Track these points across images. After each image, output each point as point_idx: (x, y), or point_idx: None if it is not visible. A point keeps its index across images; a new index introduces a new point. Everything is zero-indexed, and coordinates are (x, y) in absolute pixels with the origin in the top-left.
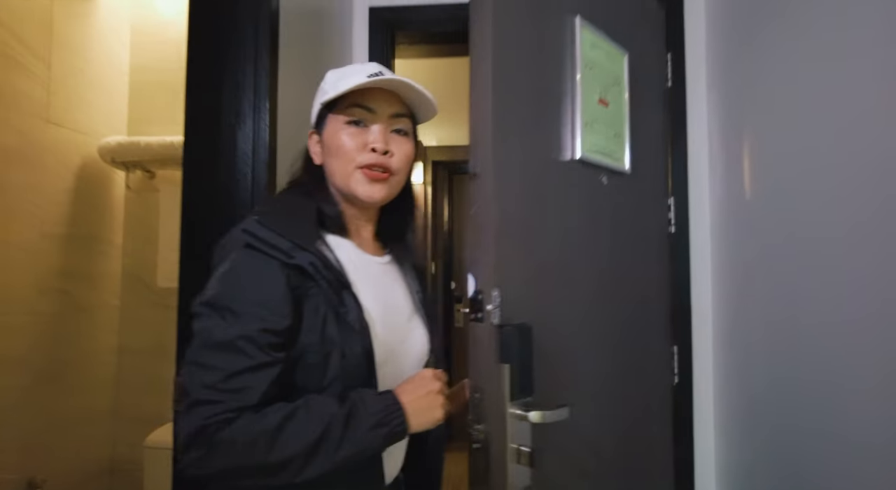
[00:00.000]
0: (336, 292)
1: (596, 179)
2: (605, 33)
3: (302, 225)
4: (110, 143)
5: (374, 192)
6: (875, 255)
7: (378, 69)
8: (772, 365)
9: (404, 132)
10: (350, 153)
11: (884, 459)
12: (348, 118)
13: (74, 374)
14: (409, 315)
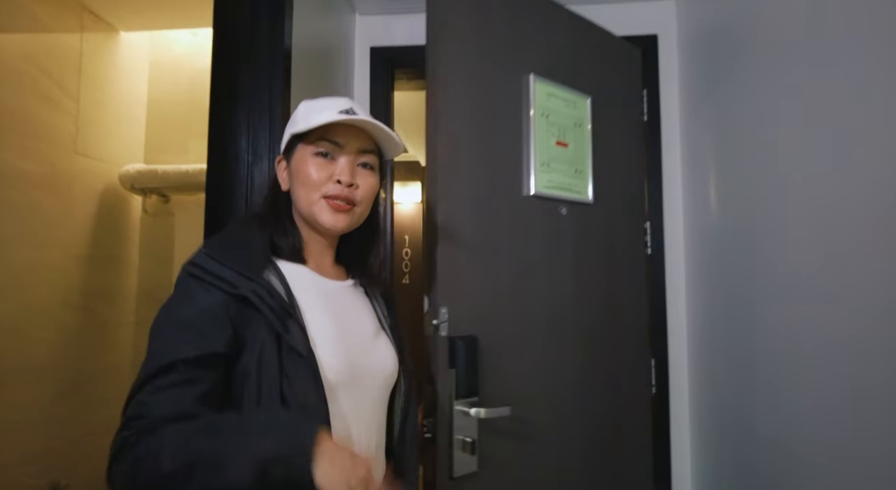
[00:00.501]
0: (280, 320)
1: (555, 210)
2: (564, 83)
3: (248, 255)
4: (130, 170)
5: (338, 222)
6: (820, 277)
7: (349, 105)
8: (735, 378)
9: (370, 166)
10: (316, 183)
11: (828, 456)
12: (316, 149)
13: (94, 386)
14: (372, 335)
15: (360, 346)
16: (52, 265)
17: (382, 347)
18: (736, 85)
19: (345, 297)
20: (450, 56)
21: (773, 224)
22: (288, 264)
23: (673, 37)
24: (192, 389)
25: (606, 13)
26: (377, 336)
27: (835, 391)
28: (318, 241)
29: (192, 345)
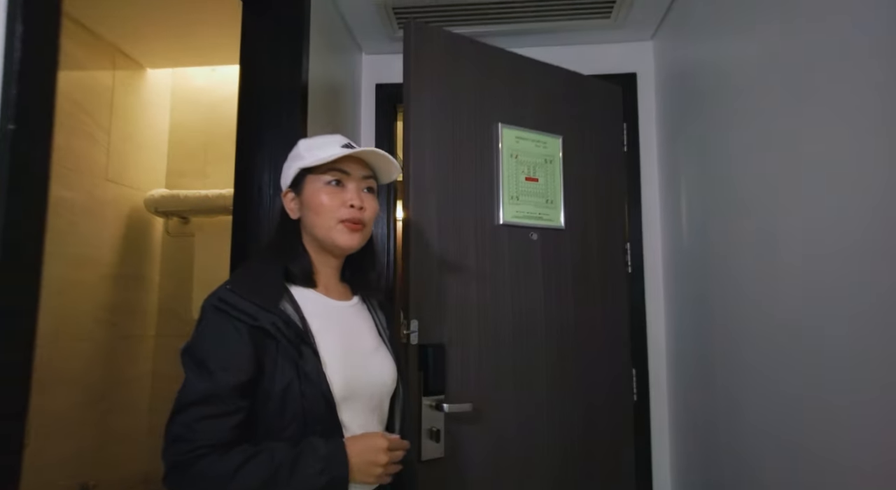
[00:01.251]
0: (295, 347)
1: (525, 236)
2: (534, 128)
3: (266, 289)
4: (154, 195)
5: (353, 241)
6: (776, 293)
7: (346, 140)
8: (706, 386)
9: (372, 190)
10: (331, 209)
11: (783, 454)
12: (328, 179)
13: (119, 395)
14: (373, 349)
15: (362, 360)
16: (85, 283)
17: (381, 359)
18: (703, 120)
19: (349, 315)
20: (424, 112)
21: (730, 245)
22: (300, 290)
23: (651, 75)
24: (229, 421)
25: (591, 53)
26: (377, 349)
27: (786, 395)
28: (327, 265)
29: (232, 375)
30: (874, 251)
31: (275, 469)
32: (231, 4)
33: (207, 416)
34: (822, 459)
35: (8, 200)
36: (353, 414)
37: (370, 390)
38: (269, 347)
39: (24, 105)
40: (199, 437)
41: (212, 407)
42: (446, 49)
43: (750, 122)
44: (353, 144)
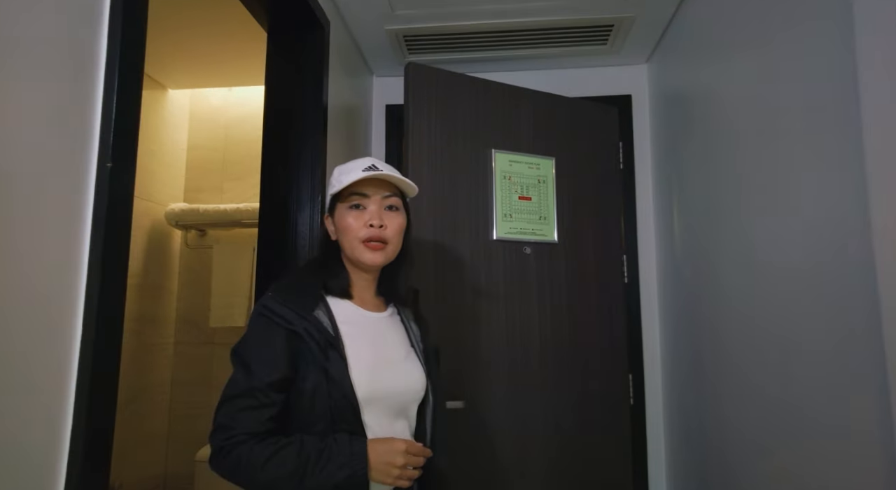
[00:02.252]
0: (323, 351)
1: (519, 250)
2: (527, 151)
3: (303, 298)
4: (175, 209)
5: (376, 258)
6: (756, 302)
7: (371, 163)
8: (697, 390)
9: (395, 208)
10: (354, 231)
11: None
12: (350, 204)
13: (142, 400)
14: (402, 358)
15: (389, 367)
16: None
17: (410, 367)
18: (691, 142)
19: (381, 326)
20: (422, 140)
21: (716, 257)
22: (337, 300)
23: (645, 97)
24: (266, 412)
25: (588, 76)
26: (406, 358)
27: (767, 394)
28: (362, 278)
29: (268, 373)
30: (839, 266)
31: (302, 460)
32: (251, 30)
33: (246, 407)
34: (791, 448)
35: (107, 222)
36: (377, 417)
37: (396, 396)
38: (303, 350)
39: (117, 148)
40: (238, 426)
41: (250, 400)
42: (442, 85)
43: (729, 147)
44: (376, 166)
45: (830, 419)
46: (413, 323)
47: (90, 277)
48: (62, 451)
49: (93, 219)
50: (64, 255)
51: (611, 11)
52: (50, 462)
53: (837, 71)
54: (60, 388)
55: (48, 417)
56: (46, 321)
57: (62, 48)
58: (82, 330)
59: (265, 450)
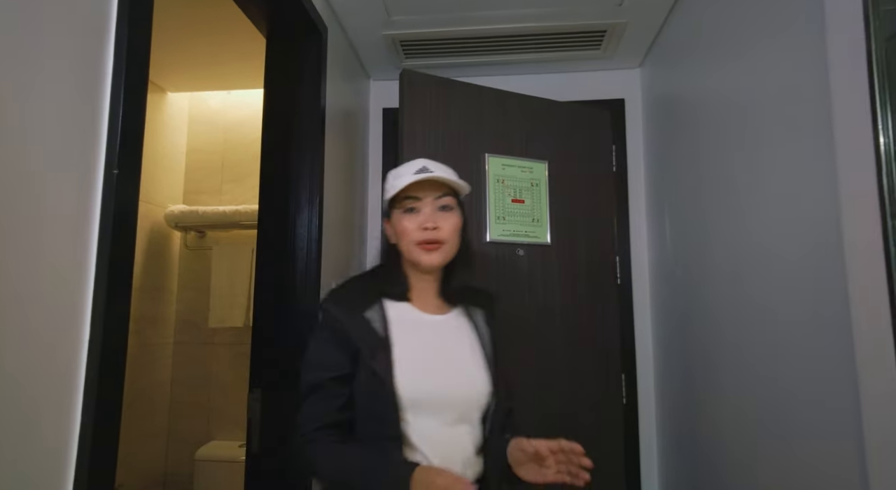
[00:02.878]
0: (371, 351)
1: (511, 252)
2: (520, 155)
3: (355, 299)
4: (174, 211)
5: (433, 260)
6: (742, 300)
7: (423, 165)
8: (690, 391)
9: (449, 208)
10: (410, 234)
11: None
12: (404, 208)
13: (143, 400)
14: (461, 362)
15: (444, 370)
16: None
17: (470, 373)
18: (682, 144)
19: (440, 328)
20: (417, 144)
21: (704, 257)
22: (394, 303)
23: (638, 101)
24: (333, 403)
25: (582, 80)
26: (467, 362)
27: (752, 390)
28: (422, 281)
29: (329, 369)
30: (816, 261)
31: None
32: (250, 34)
33: (313, 403)
34: (778, 448)
35: (113, 228)
36: (430, 420)
37: (448, 400)
38: (355, 349)
39: (123, 155)
40: (307, 422)
41: (315, 395)
42: (436, 92)
43: (716, 150)
44: (428, 167)
45: (812, 417)
46: (486, 325)
47: (97, 281)
48: (70, 451)
49: (100, 224)
50: (72, 259)
51: (603, 18)
52: (58, 462)
53: (810, 75)
54: (69, 391)
55: (57, 418)
56: (55, 324)
57: (71, 60)
58: (90, 332)
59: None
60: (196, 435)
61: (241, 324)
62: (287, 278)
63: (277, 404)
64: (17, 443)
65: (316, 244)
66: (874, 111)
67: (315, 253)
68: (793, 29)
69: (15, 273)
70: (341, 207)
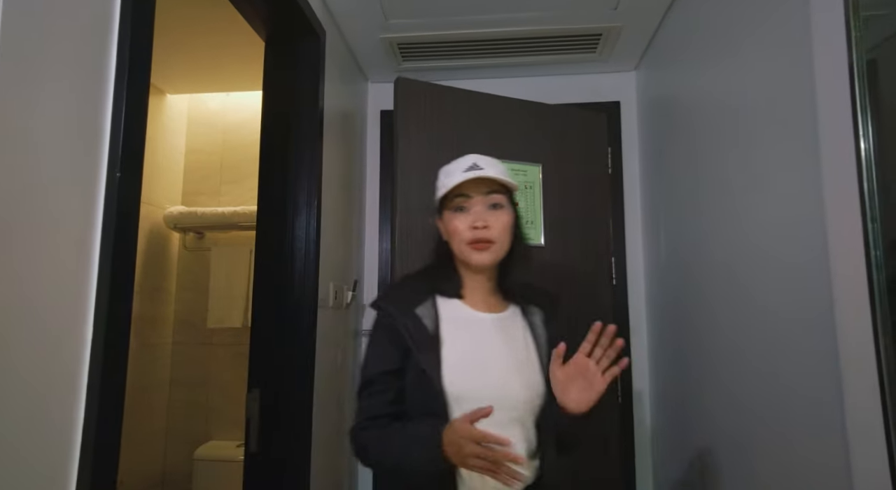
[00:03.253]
0: (421, 348)
1: None
2: (513, 158)
3: (407, 296)
4: (173, 212)
5: (483, 259)
6: (739, 302)
7: (473, 162)
8: (683, 389)
9: (499, 206)
10: (460, 234)
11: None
12: (454, 207)
13: (143, 399)
14: (516, 362)
15: (495, 370)
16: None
17: (524, 375)
18: (676, 146)
19: (493, 327)
20: (411, 149)
21: (700, 259)
22: (446, 300)
23: (633, 103)
24: (384, 396)
25: (578, 83)
26: (523, 364)
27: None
28: (474, 279)
29: (380, 364)
30: (805, 261)
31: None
32: (248, 37)
33: (367, 396)
34: (769, 447)
35: (116, 229)
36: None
37: (496, 399)
38: (407, 345)
39: (125, 158)
40: (364, 413)
41: (370, 389)
42: (430, 99)
43: (710, 151)
44: (478, 164)
45: (803, 411)
46: (543, 326)
47: (100, 281)
48: (74, 448)
49: (103, 225)
50: (76, 260)
51: (599, 21)
52: (62, 459)
53: (798, 80)
54: (72, 389)
55: (61, 415)
56: (61, 323)
57: (76, 67)
58: (92, 333)
59: (378, 435)
60: (194, 435)
61: (239, 324)
62: (285, 279)
63: (276, 404)
64: (26, 435)
65: (314, 245)
66: (855, 117)
67: (313, 254)
68: (781, 34)
69: (23, 274)
70: (339, 209)
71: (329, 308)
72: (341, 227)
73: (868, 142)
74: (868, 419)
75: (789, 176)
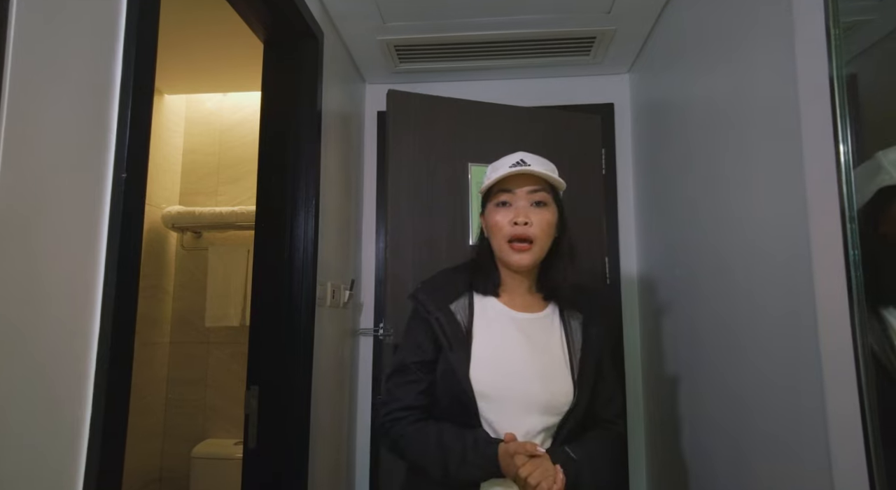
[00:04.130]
0: (450, 345)
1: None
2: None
3: (443, 291)
4: (172, 212)
5: (522, 260)
6: (725, 297)
7: (520, 158)
8: (675, 385)
9: (543, 203)
10: (501, 229)
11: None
12: (497, 201)
13: (139, 397)
14: (544, 364)
15: (523, 370)
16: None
17: (552, 376)
18: (670, 146)
19: (527, 326)
20: (402, 155)
21: (692, 258)
22: (482, 297)
23: (627, 105)
24: (416, 387)
25: (572, 85)
26: (548, 366)
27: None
28: (512, 277)
29: (414, 354)
30: (792, 259)
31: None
32: (246, 38)
33: (398, 383)
34: (754, 437)
35: (123, 224)
36: (501, 416)
37: (522, 398)
38: (439, 339)
39: (131, 159)
40: (394, 401)
41: (400, 376)
42: (421, 108)
43: (701, 153)
44: (524, 160)
45: (789, 401)
46: (581, 328)
47: (107, 276)
48: (82, 442)
49: (109, 224)
50: (85, 256)
51: (592, 25)
52: (71, 451)
53: (784, 84)
54: (80, 384)
55: (70, 411)
56: (72, 316)
57: (83, 71)
58: (100, 325)
59: (413, 436)
60: (192, 433)
61: (236, 323)
62: (284, 277)
63: (274, 400)
64: (39, 425)
65: (312, 244)
66: (835, 122)
67: (311, 253)
68: (767, 40)
69: (37, 269)
70: (337, 209)
71: (326, 307)
72: (339, 227)
73: (847, 146)
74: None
75: (776, 177)
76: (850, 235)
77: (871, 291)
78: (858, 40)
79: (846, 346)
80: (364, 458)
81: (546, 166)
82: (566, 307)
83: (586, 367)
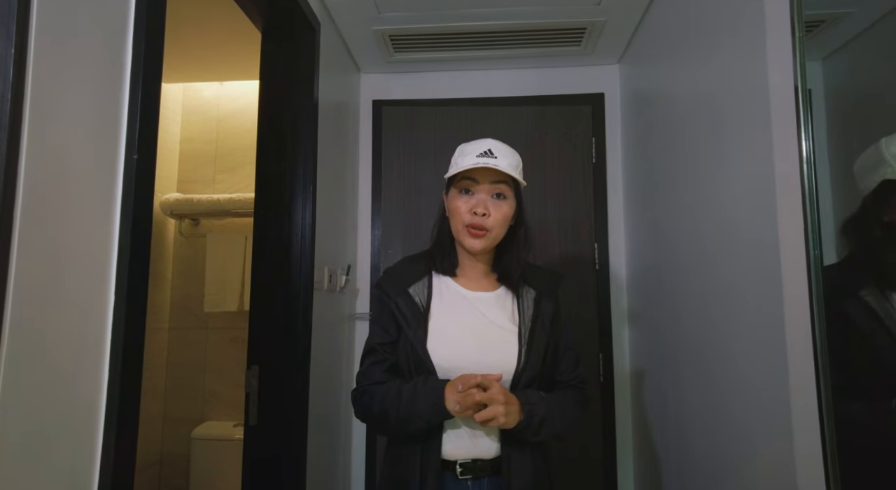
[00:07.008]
0: (409, 324)
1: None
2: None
3: (403, 275)
4: (170, 199)
5: (475, 245)
6: (704, 283)
7: (488, 147)
8: (660, 368)
9: (503, 196)
10: (461, 215)
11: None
12: (460, 188)
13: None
14: (496, 336)
15: (476, 343)
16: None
17: (503, 346)
18: (656, 136)
19: (481, 304)
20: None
21: (673, 243)
22: (441, 277)
23: (616, 95)
24: (383, 365)
25: (563, 75)
26: (500, 336)
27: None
28: (468, 258)
29: (379, 336)
30: (766, 245)
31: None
32: (243, 27)
33: (368, 364)
34: (735, 422)
35: (135, 204)
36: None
37: (476, 369)
38: (400, 320)
39: (141, 141)
40: (364, 379)
41: (371, 357)
42: (408, 117)
43: (683, 142)
44: (492, 151)
45: (762, 378)
46: (533, 303)
47: (120, 254)
48: (99, 419)
49: (121, 204)
50: (99, 234)
51: (583, 16)
52: (89, 427)
53: (759, 78)
54: (97, 363)
55: (88, 386)
56: (87, 295)
57: (97, 59)
58: (114, 302)
59: (377, 393)
60: (191, 417)
61: (234, 308)
62: (283, 261)
63: (273, 379)
64: (61, 397)
65: (310, 230)
66: (798, 120)
67: (309, 238)
68: (744, 35)
69: (56, 248)
70: (333, 196)
71: (324, 291)
72: (336, 214)
73: (810, 143)
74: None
75: (751, 167)
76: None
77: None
78: (839, 34)
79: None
80: (360, 438)
81: (512, 159)
82: (519, 285)
83: (535, 336)
